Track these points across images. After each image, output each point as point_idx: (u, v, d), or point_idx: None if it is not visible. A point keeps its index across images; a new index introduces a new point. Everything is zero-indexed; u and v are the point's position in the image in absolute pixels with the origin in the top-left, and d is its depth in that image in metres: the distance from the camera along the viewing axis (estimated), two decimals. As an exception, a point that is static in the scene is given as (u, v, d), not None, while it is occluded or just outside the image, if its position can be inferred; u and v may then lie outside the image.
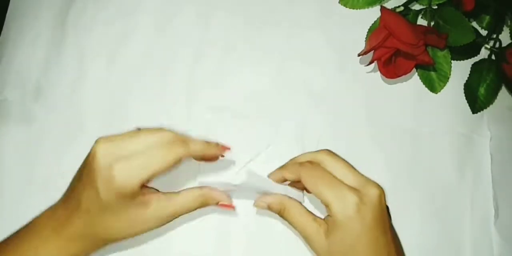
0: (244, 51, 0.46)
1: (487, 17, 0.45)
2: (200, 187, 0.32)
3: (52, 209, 0.32)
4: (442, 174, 0.43)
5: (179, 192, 0.31)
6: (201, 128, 0.43)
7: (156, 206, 0.30)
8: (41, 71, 0.47)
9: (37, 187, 0.43)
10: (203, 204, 0.32)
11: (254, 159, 0.42)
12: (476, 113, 0.44)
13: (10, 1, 0.50)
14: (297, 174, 0.32)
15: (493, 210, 0.41)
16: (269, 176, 0.34)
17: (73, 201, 0.30)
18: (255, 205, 0.34)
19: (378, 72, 0.43)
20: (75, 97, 0.46)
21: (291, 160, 0.34)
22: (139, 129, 0.31)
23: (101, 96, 0.45)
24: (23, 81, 0.46)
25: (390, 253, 0.31)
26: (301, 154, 0.34)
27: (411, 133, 0.44)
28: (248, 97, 0.45)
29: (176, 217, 0.31)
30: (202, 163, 0.33)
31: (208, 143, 0.31)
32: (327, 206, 0.30)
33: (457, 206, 0.42)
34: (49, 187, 0.43)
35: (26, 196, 0.43)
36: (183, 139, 0.30)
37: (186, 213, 0.31)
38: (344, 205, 0.30)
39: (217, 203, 0.33)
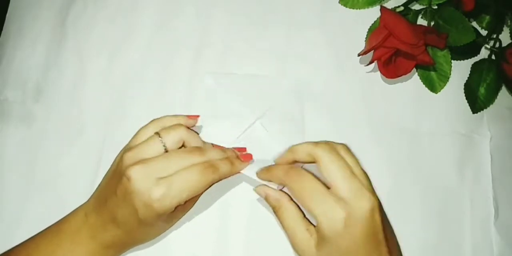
0: (244, 50, 0.46)
1: (487, 17, 0.45)
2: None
3: (84, 215, 0.33)
4: (442, 174, 0.43)
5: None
6: (203, 128, 0.43)
7: (179, 212, 0.34)
8: (41, 71, 0.47)
9: (37, 187, 0.43)
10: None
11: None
12: (476, 113, 0.44)
13: (10, 1, 0.50)
14: (283, 181, 0.32)
15: (493, 210, 0.41)
16: (257, 174, 0.35)
17: (107, 212, 0.32)
18: (255, 189, 0.34)
19: (378, 72, 0.43)
20: (75, 97, 0.46)
21: (292, 147, 0.33)
22: (157, 134, 0.32)
23: (101, 96, 0.45)
24: (23, 81, 0.46)
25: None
26: (303, 143, 0.32)
27: (411, 133, 0.44)
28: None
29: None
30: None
31: (232, 162, 0.33)
32: (315, 219, 0.29)
33: (457, 206, 0.42)
34: (49, 187, 0.43)
35: (26, 196, 0.43)
36: (213, 164, 0.31)
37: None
38: (331, 221, 0.28)
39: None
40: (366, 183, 0.31)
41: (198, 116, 0.35)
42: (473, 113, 0.44)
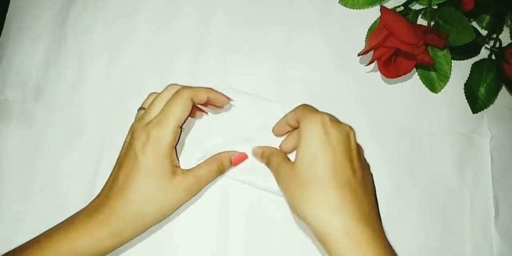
0: (244, 51, 0.46)
1: (487, 17, 0.45)
2: (213, 157, 0.37)
3: (86, 206, 0.33)
4: (442, 174, 0.43)
5: (198, 166, 0.35)
6: (202, 128, 0.43)
7: (182, 176, 0.33)
8: (41, 71, 0.47)
9: (37, 187, 0.43)
10: (221, 168, 0.36)
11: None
12: (476, 113, 0.44)
13: (10, 1, 0.50)
14: (295, 116, 0.35)
15: (493, 210, 0.42)
16: (274, 128, 0.39)
17: (109, 181, 0.33)
18: (252, 150, 0.39)
19: (378, 72, 0.43)
20: (75, 97, 0.46)
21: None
22: (142, 109, 0.36)
23: (101, 96, 0.45)
24: (23, 81, 0.46)
25: (351, 182, 0.30)
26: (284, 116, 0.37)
27: (411, 133, 0.44)
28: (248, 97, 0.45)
29: (199, 188, 0.34)
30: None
31: (211, 89, 0.36)
32: (299, 122, 0.33)
33: (457, 206, 0.42)
34: (49, 187, 0.43)
35: (26, 196, 0.43)
36: (187, 86, 0.35)
37: (208, 180, 0.35)
38: (313, 121, 0.31)
39: (231, 163, 0.38)
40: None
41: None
42: (473, 113, 0.44)
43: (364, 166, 0.33)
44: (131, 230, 0.32)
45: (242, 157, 0.38)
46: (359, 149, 0.33)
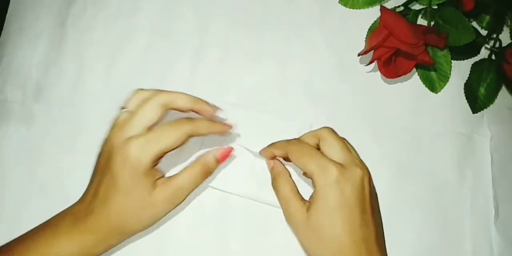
0: (244, 52, 0.46)
1: (487, 17, 0.45)
2: (196, 160, 0.33)
3: (70, 207, 0.33)
4: (442, 174, 0.43)
5: (180, 172, 0.33)
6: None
7: (162, 187, 0.31)
8: (41, 71, 0.47)
9: (37, 187, 0.43)
10: (206, 170, 0.33)
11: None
12: (476, 113, 0.44)
13: (10, 1, 0.50)
14: (285, 150, 0.34)
15: (493, 210, 0.41)
16: (260, 152, 0.38)
17: (90, 193, 0.32)
18: (262, 151, 0.37)
19: (378, 72, 0.43)
20: (75, 97, 0.46)
21: (296, 138, 0.36)
22: (123, 108, 0.34)
23: (101, 96, 0.45)
24: (23, 81, 0.46)
25: (367, 235, 0.31)
26: (305, 133, 0.36)
27: (411, 133, 0.44)
28: (249, 98, 0.45)
29: (184, 197, 0.32)
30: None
31: (213, 122, 0.34)
32: (311, 176, 0.32)
33: (457, 206, 0.42)
34: (49, 187, 0.43)
35: (26, 196, 0.43)
36: (189, 118, 0.33)
37: (193, 186, 0.33)
38: (325, 174, 0.31)
39: (217, 161, 0.34)
40: (360, 161, 0.34)
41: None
42: (473, 113, 0.44)
43: (378, 214, 0.34)
44: (116, 237, 0.32)
45: (228, 151, 0.35)
46: (372, 194, 0.34)
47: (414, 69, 0.45)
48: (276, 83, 0.45)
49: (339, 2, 0.47)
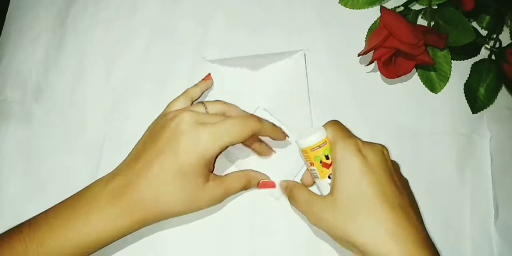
0: (244, 52, 0.46)
1: (487, 17, 0.45)
2: (243, 171, 0.37)
3: (106, 180, 0.32)
4: (442, 174, 0.43)
5: (229, 176, 0.35)
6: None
7: (215, 183, 0.33)
8: (41, 71, 0.47)
9: (37, 187, 0.43)
10: (247, 186, 0.36)
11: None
12: (476, 113, 0.44)
13: (10, 1, 0.50)
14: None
15: (493, 210, 0.41)
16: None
17: (137, 168, 0.31)
18: (280, 184, 0.37)
19: (378, 72, 0.43)
20: (75, 97, 0.46)
21: None
22: (202, 103, 0.35)
23: (101, 96, 0.45)
24: (23, 81, 0.46)
25: (402, 202, 0.30)
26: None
27: (411, 133, 0.44)
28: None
29: (224, 198, 0.34)
30: None
31: (275, 127, 0.36)
32: (332, 152, 0.32)
33: (457, 206, 0.42)
34: (49, 187, 0.43)
35: (26, 196, 0.43)
36: (258, 117, 0.34)
37: (233, 194, 0.34)
38: (346, 147, 0.31)
39: (258, 184, 0.37)
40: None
41: (209, 74, 0.40)
42: (473, 113, 0.44)
43: (406, 184, 0.33)
44: (151, 219, 0.32)
45: (270, 185, 0.38)
46: (396, 166, 0.33)
47: (414, 69, 0.45)
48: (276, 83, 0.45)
49: (339, 2, 0.47)
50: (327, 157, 0.33)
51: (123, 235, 0.31)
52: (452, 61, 0.43)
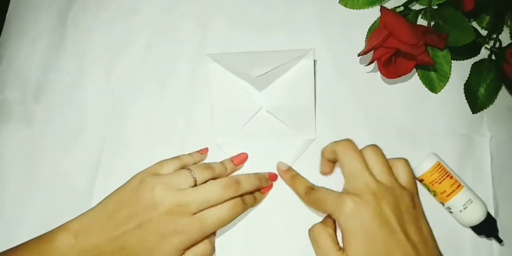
0: (244, 51, 0.46)
1: (487, 17, 0.45)
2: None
3: (74, 236, 0.32)
4: (442, 174, 0.43)
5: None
6: (202, 129, 0.43)
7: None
8: (41, 71, 0.47)
9: (37, 187, 0.43)
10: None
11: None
12: (476, 113, 0.44)
13: (10, 2, 0.50)
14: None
15: (493, 210, 0.41)
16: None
17: (111, 232, 0.32)
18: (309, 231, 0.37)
19: (378, 72, 0.43)
20: (75, 97, 0.46)
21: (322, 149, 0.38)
22: (189, 169, 0.35)
23: (101, 96, 0.45)
24: (23, 81, 0.46)
25: (407, 253, 0.31)
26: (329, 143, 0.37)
27: (411, 133, 0.44)
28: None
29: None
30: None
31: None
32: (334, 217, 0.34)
33: (457, 206, 0.42)
34: (49, 187, 0.43)
35: (26, 196, 0.43)
36: (242, 199, 0.35)
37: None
38: (342, 209, 0.32)
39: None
40: (381, 173, 0.34)
41: (207, 149, 0.41)
42: (473, 113, 0.44)
43: (415, 227, 0.34)
44: None
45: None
46: (418, 211, 0.35)
47: (414, 69, 0.45)
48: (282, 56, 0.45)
49: (339, 2, 0.47)
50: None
51: None
52: (452, 61, 0.43)
